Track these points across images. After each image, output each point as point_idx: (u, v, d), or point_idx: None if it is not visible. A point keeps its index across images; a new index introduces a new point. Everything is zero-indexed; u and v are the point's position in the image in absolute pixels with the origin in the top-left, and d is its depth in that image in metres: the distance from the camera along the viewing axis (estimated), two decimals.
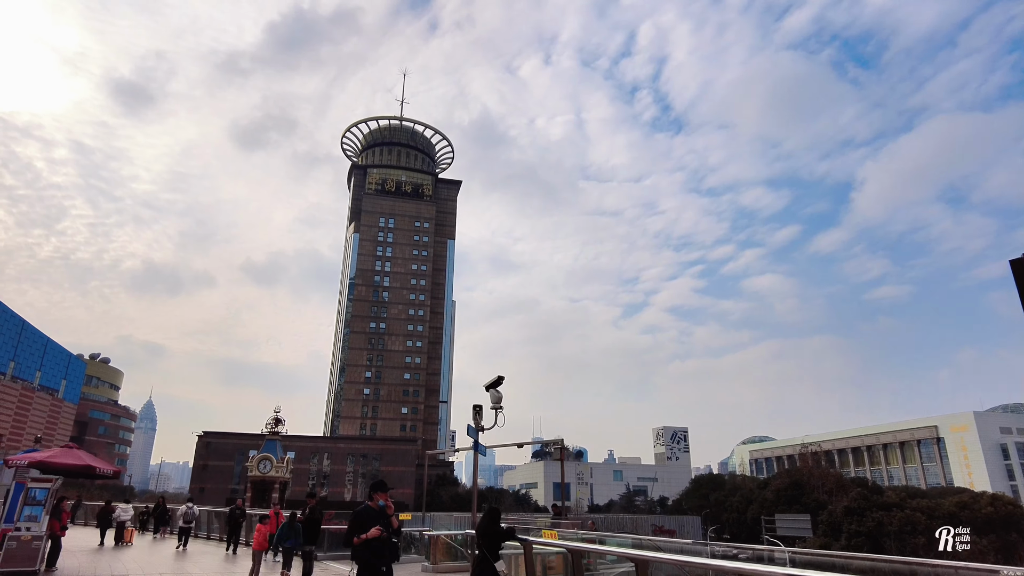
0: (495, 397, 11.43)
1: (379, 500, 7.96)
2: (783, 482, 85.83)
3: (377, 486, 8.09)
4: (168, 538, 29.16)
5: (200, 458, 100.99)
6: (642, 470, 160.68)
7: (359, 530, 7.52)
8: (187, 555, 22.20)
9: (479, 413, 11.60)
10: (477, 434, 11.28)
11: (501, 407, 11.25)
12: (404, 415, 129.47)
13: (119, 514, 25.29)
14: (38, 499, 13.25)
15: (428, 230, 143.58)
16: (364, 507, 7.93)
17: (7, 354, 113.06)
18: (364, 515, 7.76)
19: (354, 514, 7.84)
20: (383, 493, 8.09)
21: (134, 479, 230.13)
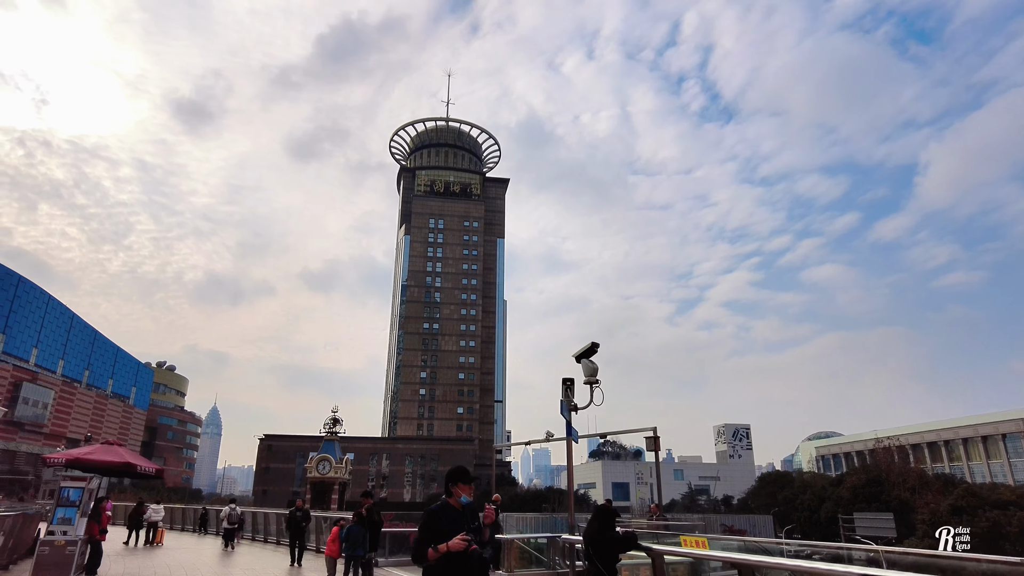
0: (589, 369, 9.37)
1: (461, 495, 5.50)
2: (859, 479, 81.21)
3: (457, 475, 5.61)
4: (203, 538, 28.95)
5: (262, 461, 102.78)
6: (703, 469, 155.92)
7: (434, 538, 5.10)
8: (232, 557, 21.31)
9: (570, 389, 9.51)
10: (569, 413, 9.30)
11: (597, 381, 9.24)
12: (460, 415, 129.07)
13: (150, 515, 25.15)
14: (72, 500, 12.17)
15: (477, 229, 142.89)
16: (440, 505, 5.47)
17: (82, 363, 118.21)
18: (440, 516, 5.33)
19: (427, 514, 5.41)
20: (467, 485, 5.59)
21: (201, 483, 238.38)
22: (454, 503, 5.51)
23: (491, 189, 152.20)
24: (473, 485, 5.73)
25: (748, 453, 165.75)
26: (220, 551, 23.07)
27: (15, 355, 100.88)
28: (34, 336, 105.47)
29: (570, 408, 9.31)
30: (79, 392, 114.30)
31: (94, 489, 12.31)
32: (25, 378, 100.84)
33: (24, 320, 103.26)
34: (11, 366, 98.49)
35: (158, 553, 21.52)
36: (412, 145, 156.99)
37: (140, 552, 21.85)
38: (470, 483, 5.64)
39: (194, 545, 25.75)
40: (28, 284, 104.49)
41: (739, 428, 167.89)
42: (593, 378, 9.35)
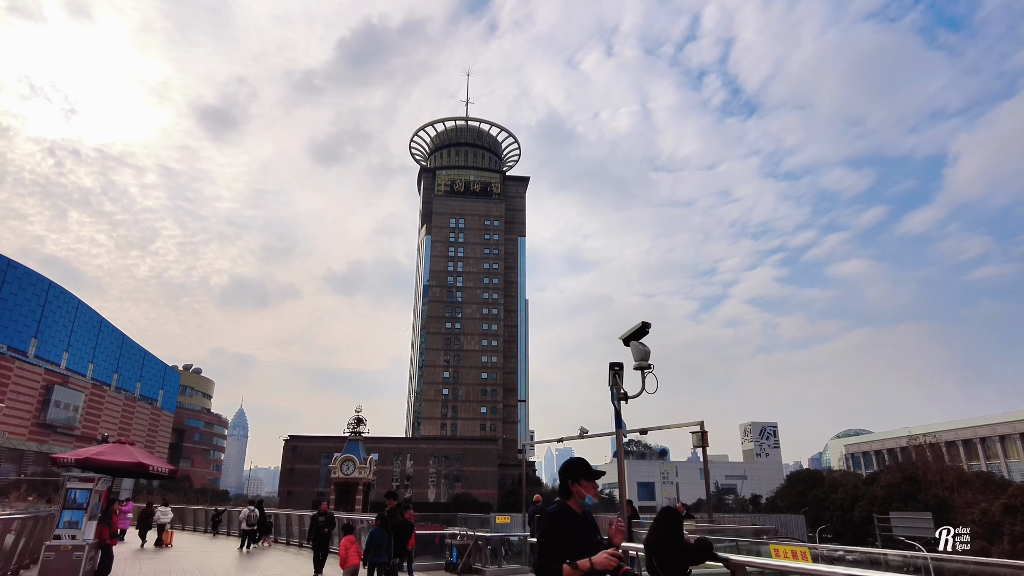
0: (640, 352, 8.31)
1: (584, 495, 4.32)
2: (894, 477, 79.09)
3: (577, 469, 4.41)
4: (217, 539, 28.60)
5: (287, 462, 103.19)
6: (730, 468, 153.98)
7: (563, 548, 4.00)
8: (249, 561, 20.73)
9: (618, 375, 8.42)
10: (619, 402, 8.31)
11: (650, 366, 8.18)
12: (483, 415, 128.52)
13: (159, 516, 25.19)
14: (79, 502, 11.60)
15: (498, 228, 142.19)
16: (559, 508, 4.28)
17: (111, 366, 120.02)
18: (564, 521, 4.17)
19: (550, 519, 4.23)
20: (590, 482, 4.39)
21: (229, 484, 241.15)
22: (574, 505, 4.29)
23: (511, 188, 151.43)
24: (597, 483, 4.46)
25: (775, 452, 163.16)
26: (237, 554, 22.54)
27: (47, 359, 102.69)
28: (65, 340, 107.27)
29: (619, 397, 8.31)
30: (108, 395, 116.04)
31: (103, 491, 11.77)
32: (56, 381, 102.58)
33: (55, 324, 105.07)
34: (43, 369, 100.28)
35: (170, 555, 21.02)
36: (432, 145, 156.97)
37: (151, 554, 21.39)
38: (595, 479, 4.40)
39: (208, 547, 25.23)
40: (58, 289, 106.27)
41: (766, 426, 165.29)
42: (645, 363, 8.28)
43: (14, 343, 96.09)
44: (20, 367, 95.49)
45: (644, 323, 7.89)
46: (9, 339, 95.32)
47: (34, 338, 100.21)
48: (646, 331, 8.08)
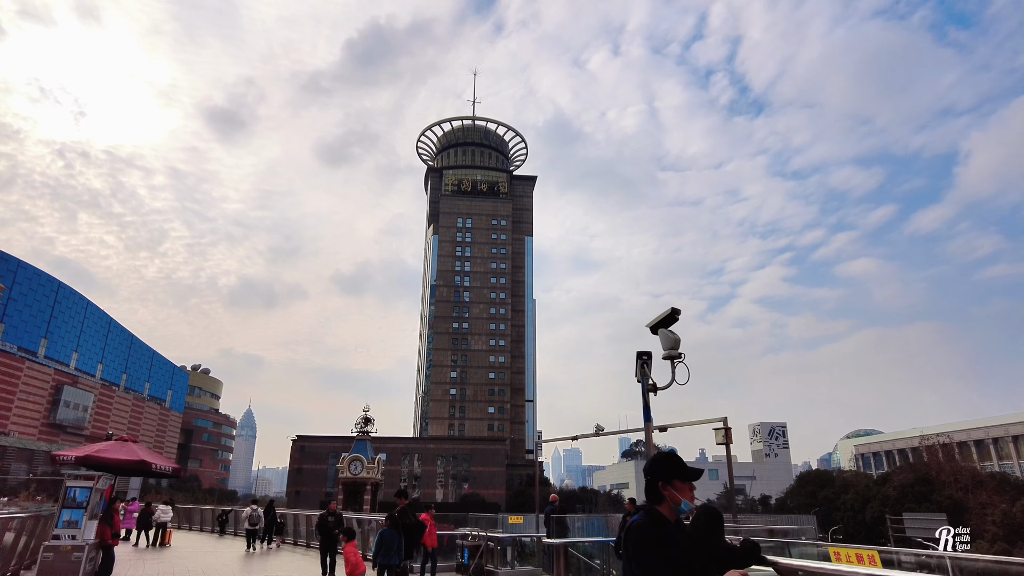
0: (669, 340, 7.73)
1: (679, 500, 3.44)
2: (907, 477, 78.09)
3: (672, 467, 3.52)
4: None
5: (295, 462, 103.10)
6: (738, 468, 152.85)
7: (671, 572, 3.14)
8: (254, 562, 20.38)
9: (647, 364, 7.89)
10: (647, 394, 7.80)
11: (680, 355, 7.58)
12: (491, 415, 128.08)
13: (159, 515, 24.98)
14: (78, 500, 11.24)
15: (506, 228, 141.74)
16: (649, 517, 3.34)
17: (120, 367, 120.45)
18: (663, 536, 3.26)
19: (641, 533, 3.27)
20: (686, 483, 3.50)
21: (237, 484, 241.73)
22: (666, 512, 3.39)
23: (518, 187, 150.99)
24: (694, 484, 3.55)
25: (784, 452, 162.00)
26: (242, 554, 22.18)
27: (56, 359, 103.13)
28: (74, 341, 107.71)
29: (648, 388, 7.83)
30: (117, 395, 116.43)
31: (104, 489, 11.42)
32: (66, 381, 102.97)
33: (64, 325, 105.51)
34: (52, 370, 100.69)
35: (174, 556, 20.62)
36: (439, 145, 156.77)
37: (152, 554, 21.04)
38: (692, 480, 3.51)
39: (213, 548, 24.88)
40: (67, 290, 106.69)
41: (775, 426, 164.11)
42: (675, 351, 7.76)
43: (24, 343, 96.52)
44: (30, 367, 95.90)
45: (673, 309, 7.36)
46: (19, 339, 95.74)
47: (44, 338, 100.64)
48: (675, 318, 7.53)
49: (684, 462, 3.55)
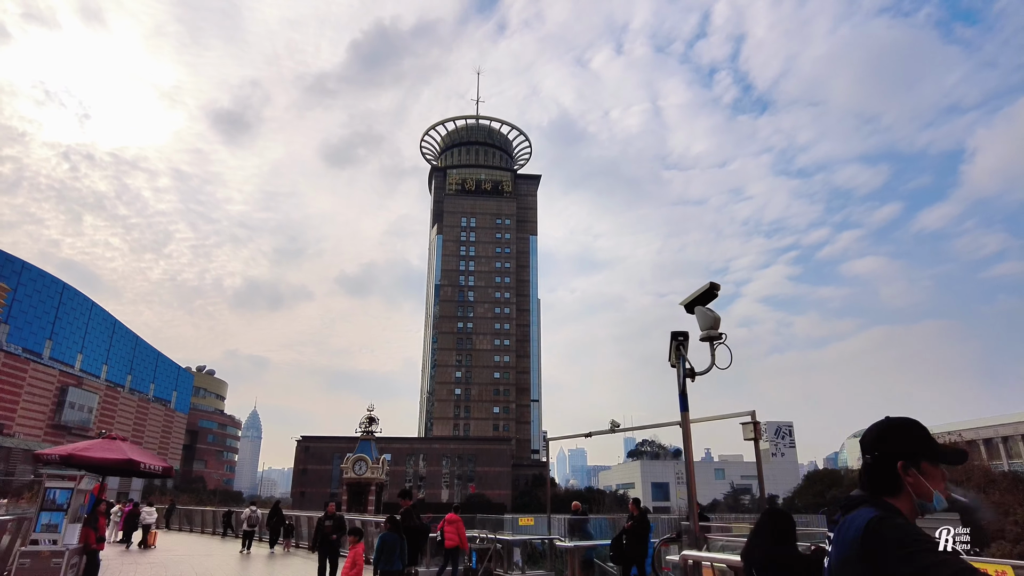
0: (707, 319, 6.93)
1: (930, 490, 2.12)
2: None
3: (915, 442, 2.19)
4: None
5: (300, 463, 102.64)
6: (745, 468, 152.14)
7: None
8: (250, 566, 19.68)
9: (683, 346, 7.05)
10: (684, 380, 6.99)
11: (721, 336, 6.85)
12: (496, 415, 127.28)
13: (144, 517, 24.60)
14: (58, 503, 10.57)
15: (510, 227, 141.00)
16: (890, 519, 1.96)
17: (124, 368, 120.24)
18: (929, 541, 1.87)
19: (901, 537, 1.84)
20: (937, 467, 2.18)
21: (243, 485, 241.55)
22: (907, 510, 2.13)
23: (522, 186, 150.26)
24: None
25: (791, 451, 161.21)
26: (238, 557, 21.51)
27: (61, 360, 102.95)
28: (79, 342, 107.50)
29: (685, 373, 6.97)
30: (122, 396, 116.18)
31: (89, 490, 10.74)
32: (71, 383, 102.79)
33: (69, 326, 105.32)
34: (57, 371, 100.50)
35: (165, 559, 19.79)
36: (443, 144, 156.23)
37: (141, 558, 20.32)
38: (947, 464, 2.21)
39: (209, 550, 24.07)
40: (72, 291, 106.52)
41: (781, 426, 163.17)
42: (715, 331, 6.93)
43: (29, 345, 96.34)
44: (35, 368, 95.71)
45: (712, 284, 6.53)
46: (24, 341, 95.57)
47: (48, 340, 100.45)
48: (714, 294, 6.78)
49: (933, 438, 2.27)
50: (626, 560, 12.11)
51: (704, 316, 6.75)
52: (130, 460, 11.37)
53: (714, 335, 6.75)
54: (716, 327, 6.70)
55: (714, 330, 6.73)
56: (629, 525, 12.56)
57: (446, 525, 13.53)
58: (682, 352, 6.90)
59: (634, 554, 12.06)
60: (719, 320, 6.65)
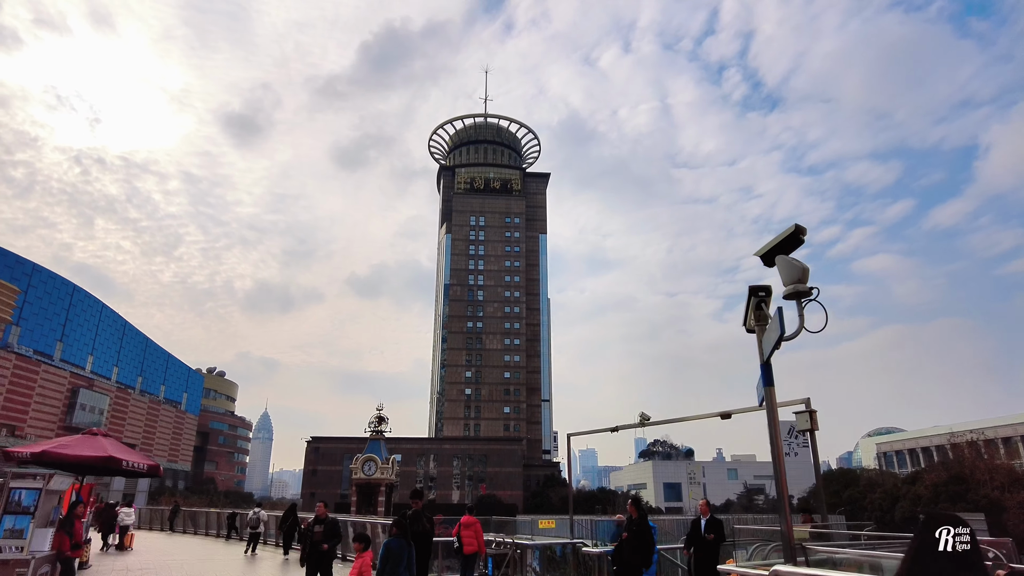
0: (792, 271, 5.47)
1: None
2: (939, 476, 75.36)
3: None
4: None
5: (310, 464, 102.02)
6: (758, 468, 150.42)
7: None
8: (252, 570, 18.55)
9: (764, 303, 5.85)
10: (771, 348, 5.44)
11: (810, 291, 5.41)
12: (507, 415, 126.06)
13: (122, 518, 23.84)
14: (24, 505, 9.47)
15: (519, 225, 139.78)
16: None
17: (135, 370, 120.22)
18: None
19: None
20: None
21: (254, 487, 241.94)
22: None
23: (531, 184, 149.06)
24: None
25: (805, 451, 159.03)
26: (238, 561, 20.39)
27: (72, 362, 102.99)
28: (89, 344, 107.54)
29: (775, 342, 5.36)
30: (133, 398, 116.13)
31: (63, 491, 9.72)
32: (82, 384, 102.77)
33: (80, 328, 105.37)
34: (68, 373, 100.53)
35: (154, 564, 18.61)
36: (451, 143, 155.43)
37: (117, 562, 18.79)
38: None
39: (208, 554, 22.91)
40: (82, 293, 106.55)
41: (794, 425, 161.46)
42: (803, 286, 5.39)
43: (40, 347, 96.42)
44: (46, 370, 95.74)
45: (797, 227, 5.12)
46: (35, 343, 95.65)
47: (59, 342, 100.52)
48: (800, 239, 5.47)
49: None
50: (627, 570, 10.64)
51: (789, 267, 5.48)
52: (110, 457, 10.34)
53: (802, 290, 5.39)
54: (805, 280, 5.40)
55: (802, 284, 5.39)
56: (626, 536, 10.97)
57: (462, 528, 12.09)
58: (763, 310, 5.65)
59: (634, 562, 10.44)
60: (807, 272, 5.35)
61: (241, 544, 25.91)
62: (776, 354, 5.29)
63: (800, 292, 5.23)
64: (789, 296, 5.40)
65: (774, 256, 5.48)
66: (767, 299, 5.70)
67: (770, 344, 5.30)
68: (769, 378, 5.56)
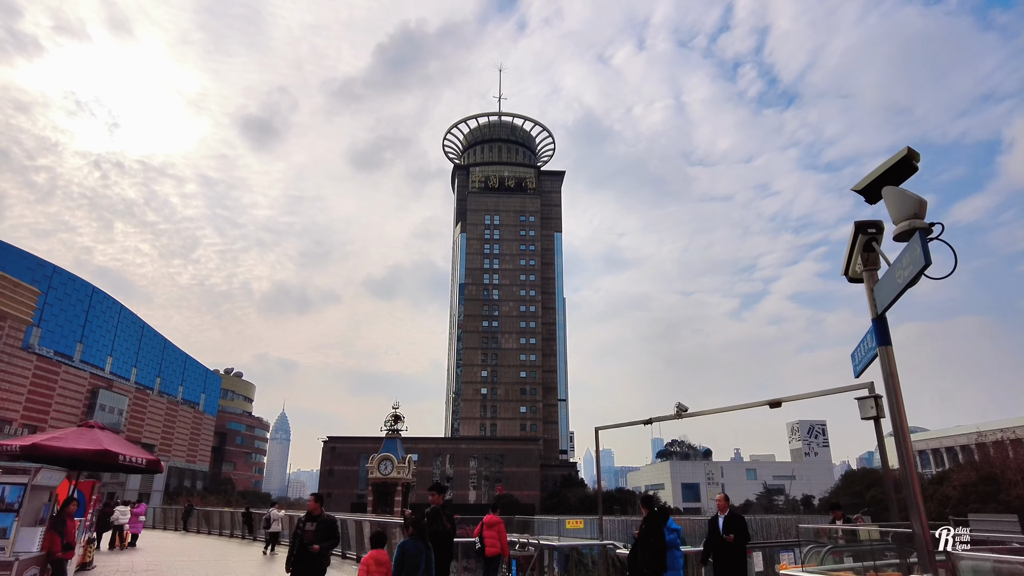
0: (906, 205, 4.41)
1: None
2: (969, 476, 73.44)
3: None
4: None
5: (326, 463, 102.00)
6: (777, 468, 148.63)
7: None
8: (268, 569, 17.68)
9: (875, 241, 4.85)
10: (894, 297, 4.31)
11: (931, 228, 4.22)
12: (523, 414, 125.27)
13: (117, 516, 23.32)
14: (8, 502, 8.78)
15: (534, 224, 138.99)
16: None
17: (153, 371, 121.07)
18: None
19: None
20: None
21: (272, 487, 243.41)
22: None
23: (546, 183, 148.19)
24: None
25: (824, 450, 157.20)
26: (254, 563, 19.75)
27: (92, 363, 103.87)
28: (108, 345, 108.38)
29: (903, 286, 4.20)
30: (151, 399, 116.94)
31: (53, 487, 9.08)
32: (101, 385, 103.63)
33: (99, 330, 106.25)
34: (88, 374, 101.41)
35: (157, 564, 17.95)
36: (465, 143, 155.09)
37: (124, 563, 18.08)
38: None
39: (220, 555, 22.23)
40: (101, 295, 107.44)
41: (814, 424, 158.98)
42: (919, 222, 4.28)
43: (60, 348, 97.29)
44: (67, 371, 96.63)
45: (909, 150, 4.47)
46: (56, 344, 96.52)
47: (79, 343, 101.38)
48: (913, 166, 4.52)
49: None
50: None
51: (901, 200, 4.45)
52: (106, 451, 9.63)
53: (920, 226, 4.27)
54: (922, 214, 4.35)
55: (919, 219, 4.33)
56: (638, 533, 9.83)
57: (485, 529, 11.18)
58: (874, 249, 4.60)
59: (645, 573, 9.17)
60: (925, 206, 4.34)
61: (255, 544, 25.43)
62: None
63: (919, 228, 4.22)
64: (902, 236, 4.41)
65: (880, 188, 4.49)
66: (878, 236, 4.66)
67: (890, 291, 4.20)
68: (885, 335, 4.57)
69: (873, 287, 4.50)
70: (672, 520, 10.24)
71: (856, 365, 5.23)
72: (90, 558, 14.87)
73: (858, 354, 5.17)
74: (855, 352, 5.26)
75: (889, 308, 4.27)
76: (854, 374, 5.25)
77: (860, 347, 5.11)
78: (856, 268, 4.70)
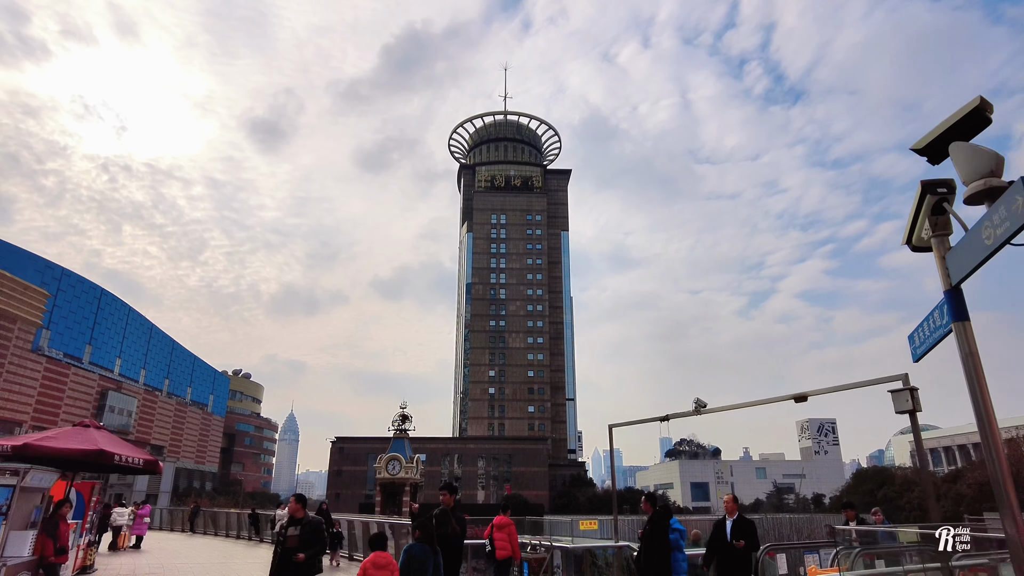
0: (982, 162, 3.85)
1: None
2: (984, 474, 72.46)
3: None
4: None
5: (334, 464, 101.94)
6: (786, 466, 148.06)
7: None
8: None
9: (946, 202, 4.17)
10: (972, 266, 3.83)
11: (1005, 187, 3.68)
12: (531, 414, 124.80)
13: (115, 518, 22.96)
14: None
15: (540, 223, 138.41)
16: None
17: (162, 372, 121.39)
18: None
19: None
20: None
21: (280, 488, 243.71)
22: None
23: (552, 182, 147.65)
24: None
25: (835, 449, 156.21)
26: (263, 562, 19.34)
27: (101, 365, 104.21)
28: (117, 347, 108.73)
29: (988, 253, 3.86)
30: (160, 400, 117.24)
31: (45, 488, 8.75)
32: (110, 387, 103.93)
33: (108, 332, 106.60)
34: (97, 375, 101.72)
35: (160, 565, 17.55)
36: (471, 142, 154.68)
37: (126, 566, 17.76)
38: None
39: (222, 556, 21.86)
40: (110, 296, 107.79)
41: (824, 423, 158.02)
42: (996, 180, 3.83)
43: (70, 350, 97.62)
44: (76, 373, 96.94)
45: (983, 100, 3.96)
46: (65, 346, 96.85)
47: (88, 345, 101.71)
48: (986, 118, 3.97)
49: None
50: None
51: (974, 157, 3.86)
52: (101, 451, 9.28)
53: (998, 185, 3.77)
54: (999, 172, 3.82)
55: (995, 177, 3.81)
56: (642, 532, 9.40)
57: (495, 530, 10.64)
58: (949, 211, 4.03)
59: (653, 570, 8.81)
60: (1003, 163, 3.83)
61: (262, 546, 25.09)
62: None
63: (996, 187, 3.73)
64: (975, 198, 3.88)
65: (947, 145, 3.91)
66: (950, 197, 4.04)
67: (970, 257, 3.59)
68: (961, 309, 4.05)
69: (945, 255, 3.99)
70: (675, 520, 9.74)
71: (916, 348, 4.69)
72: (90, 561, 14.58)
73: (920, 334, 4.65)
74: (915, 332, 4.71)
75: (967, 278, 3.75)
76: (913, 358, 4.72)
77: (924, 326, 4.60)
78: (923, 234, 4.17)
